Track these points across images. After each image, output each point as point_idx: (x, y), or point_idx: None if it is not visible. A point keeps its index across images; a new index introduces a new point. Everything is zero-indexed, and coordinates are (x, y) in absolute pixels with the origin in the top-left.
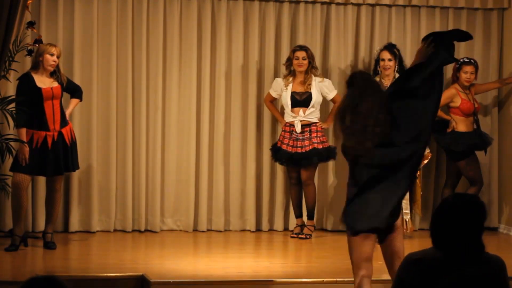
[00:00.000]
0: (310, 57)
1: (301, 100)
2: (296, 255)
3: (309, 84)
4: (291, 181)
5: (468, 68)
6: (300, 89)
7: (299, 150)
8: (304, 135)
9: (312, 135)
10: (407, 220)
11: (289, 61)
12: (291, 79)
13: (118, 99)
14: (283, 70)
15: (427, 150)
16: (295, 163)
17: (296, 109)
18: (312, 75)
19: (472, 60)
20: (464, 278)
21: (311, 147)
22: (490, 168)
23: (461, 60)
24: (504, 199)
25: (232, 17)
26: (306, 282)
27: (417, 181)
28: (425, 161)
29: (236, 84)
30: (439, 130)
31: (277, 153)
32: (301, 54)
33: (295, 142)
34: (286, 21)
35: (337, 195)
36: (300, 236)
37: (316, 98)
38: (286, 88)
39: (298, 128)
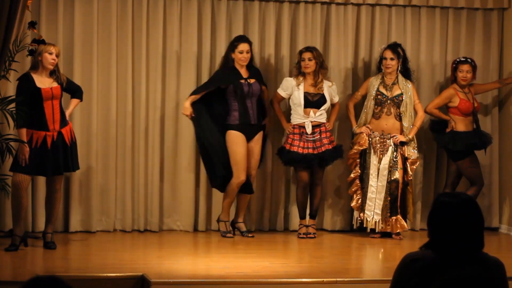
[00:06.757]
0: (317, 58)
1: (313, 101)
2: (296, 255)
3: (321, 87)
4: (300, 184)
5: (464, 67)
6: (311, 90)
7: (311, 151)
8: (314, 136)
9: (322, 136)
10: (377, 220)
11: (298, 63)
12: (301, 78)
13: (118, 99)
14: (283, 70)
15: (416, 155)
16: (308, 164)
17: (307, 109)
18: (323, 78)
19: (468, 59)
20: (461, 278)
21: (323, 148)
22: (491, 168)
23: (458, 60)
24: (505, 199)
25: (232, 17)
26: (306, 282)
27: (408, 187)
28: (414, 166)
29: None
30: (438, 130)
31: (287, 156)
32: (307, 55)
33: (306, 143)
34: (286, 21)
35: (336, 195)
36: (309, 236)
37: (328, 102)
38: (298, 88)
39: (309, 130)
